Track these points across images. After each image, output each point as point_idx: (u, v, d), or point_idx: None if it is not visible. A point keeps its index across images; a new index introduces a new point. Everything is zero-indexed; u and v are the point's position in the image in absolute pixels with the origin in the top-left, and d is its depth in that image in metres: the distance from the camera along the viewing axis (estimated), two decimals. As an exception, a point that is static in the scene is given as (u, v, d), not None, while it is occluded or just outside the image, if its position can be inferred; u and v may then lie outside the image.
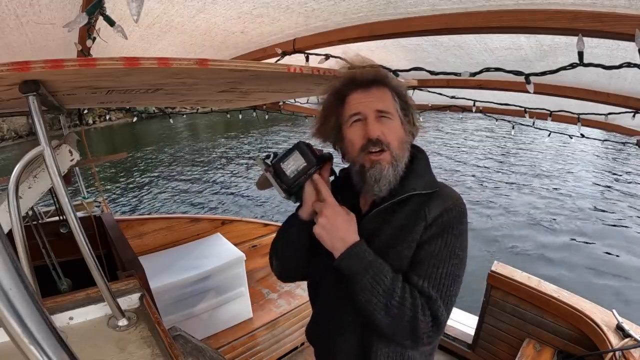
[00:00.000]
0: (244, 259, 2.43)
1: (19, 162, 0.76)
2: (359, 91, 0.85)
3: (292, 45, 1.18)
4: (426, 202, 0.85)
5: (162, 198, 8.50)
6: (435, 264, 0.80)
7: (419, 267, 0.81)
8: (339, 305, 0.91)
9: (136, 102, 1.39)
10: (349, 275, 0.80)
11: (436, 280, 0.79)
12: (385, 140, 0.83)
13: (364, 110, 0.84)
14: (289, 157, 0.85)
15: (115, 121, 17.58)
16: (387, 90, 0.87)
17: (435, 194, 0.86)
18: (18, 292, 0.22)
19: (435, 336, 0.81)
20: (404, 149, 0.86)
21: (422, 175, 0.89)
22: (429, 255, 0.81)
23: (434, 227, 0.82)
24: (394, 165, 0.84)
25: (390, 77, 0.90)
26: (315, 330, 1.07)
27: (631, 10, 0.62)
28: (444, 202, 0.84)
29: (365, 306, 0.78)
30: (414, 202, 0.86)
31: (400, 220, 0.86)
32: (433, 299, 0.78)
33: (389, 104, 0.85)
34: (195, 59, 0.62)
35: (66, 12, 0.94)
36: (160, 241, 2.67)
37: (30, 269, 0.86)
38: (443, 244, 0.81)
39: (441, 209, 0.83)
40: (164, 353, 0.84)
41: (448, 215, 0.83)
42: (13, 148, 15.30)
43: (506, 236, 5.99)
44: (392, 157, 0.84)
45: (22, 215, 0.94)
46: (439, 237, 0.81)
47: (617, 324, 1.69)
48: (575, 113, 1.62)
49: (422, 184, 0.87)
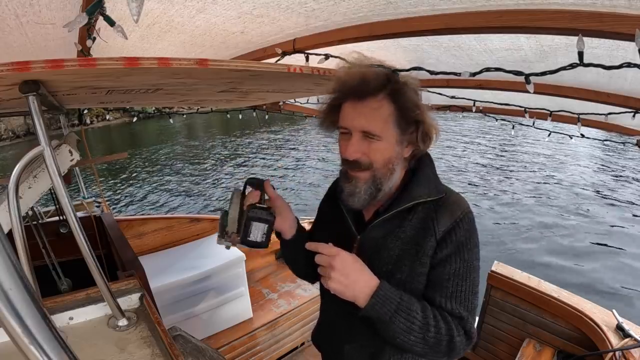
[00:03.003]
0: (244, 259, 2.43)
1: (19, 162, 0.76)
2: (352, 102, 0.79)
3: (292, 45, 1.18)
4: (433, 212, 0.82)
5: (162, 198, 8.50)
6: (459, 282, 0.79)
7: (443, 288, 0.80)
8: (347, 307, 0.85)
9: (136, 102, 1.39)
10: (381, 321, 0.76)
11: (462, 298, 0.80)
12: (366, 161, 0.80)
13: (350, 127, 0.80)
14: (249, 228, 0.85)
15: (113, 121, 17.55)
16: (385, 103, 0.78)
17: (442, 201, 0.83)
18: (18, 292, 0.22)
19: (468, 346, 0.82)
20: (391, 169, 0.81)
21: (426, 182, 0.85)
22: (451, 275, 0.79)
23: (449, 246, 0.79)
24: (374, 182, 0.81)
25: (391, 85, 0.79)
26: (321, 334, 1.05)
27: (631, 10, 0.62)
28: (452, 212, 0.81)
29: (402, 344, 0.77)
30: (420, 210, 0.83)
31: (408, 232, 0.82)
32: (465, 318, 0.79)
33: (377, 124, 0.78)
34: (195, 59, 0.62)
35: (66, 12, 0.93)
36: (160, 241, 2.67)
37: (30, 269, 0.86)
38: (462, 261, 0.80)
39: (451, 222, 0.80)
40: (164, 353, 0.84)
41: (460, 228, 0.80)
42: (11, 148, 15.29)
43: (506, 236, 5.99)
44: (373, 177, 0.81)
45: (22, 215, 0.94)
46: (456, 256, 0.79)
47: (617, 324, 1.69)
48: (575, 113, 1.62)
49: (427, 191, 0.83)
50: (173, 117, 3.20)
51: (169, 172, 10.50)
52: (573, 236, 5.96)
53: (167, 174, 10.26)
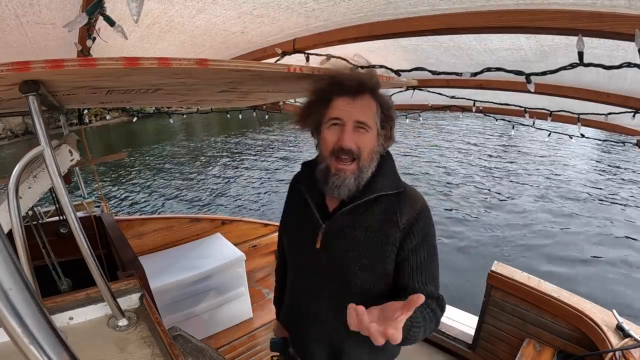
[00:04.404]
0: (244, 259, 2.43)
1: (19, 162, 0.76)
2: (345, 98, 0.88)
3: (292, 45, 1.18)
4: (395, 204, 0.92)
5: (162, 197, 8.50)
6: (429, 266, 0.92)
7: (418, 274, 0.91)
8: (312, 290, 1.00)
9: (136, 102, 1.39)
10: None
11: (434, 279, 0.93)
12: (357, 151, 0.88)
13: (344, 118, 0.87)
14: None
15: (111, 120, 17.55)
16: (373, 101, 0.90)
17: (402, 195, 0.93)
18: (18, 292, 0.22)
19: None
20: (372, 159, 0.91)
21: (389, 177, 0.95)
22: (422, 262, 0.91)
23: (416, 236, 0.90)
24: (356, 175, 0.89)
25: (378, 87, 0.92)
26: (288, 316, 1.13)
27: (631, 10, 0.62)
28: (412, 205, 0.92)
29: (405, 343, 0.82)
30: (382, 201, 0.92)
31: (371, 221, 0.91)
32: (440, 297, 0.93)
33: (369, 117, 0.88)
34: (195, 59, 0.62)
35: (66, 12, 0.93)
36: (160, 241, 2.67)
37: (30, 269, 0.86)
38: (429, 247, 0.92)
39: (413, 214, 0.91)
40: (164, 353, 0.84)
41: (422, 219, 0.91)
42: (9, 147, 15.27)
43: (507, 235, 5.98)
44: (358, 168, 0.89)
45: (22, 215, 0.94)
46: (423, 244, 0.91)
47: (617, 324, 1.69)
48: (575, 113, 1.62)
49: (389, 185, 0.93)
50: (172, 117, 3.21)
51: (169, 171, 10.50)
52: (572, 237, 5.96)
53: (166, 174, 10.25)
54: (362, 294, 0.93)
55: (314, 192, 0.98)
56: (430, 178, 8.76)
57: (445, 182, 8.50)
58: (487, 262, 2.22)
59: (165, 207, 7.96)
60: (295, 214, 1.07)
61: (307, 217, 0.99)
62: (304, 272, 1.04)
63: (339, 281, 0.95)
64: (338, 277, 0.95)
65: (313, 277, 1.00)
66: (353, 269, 0.92)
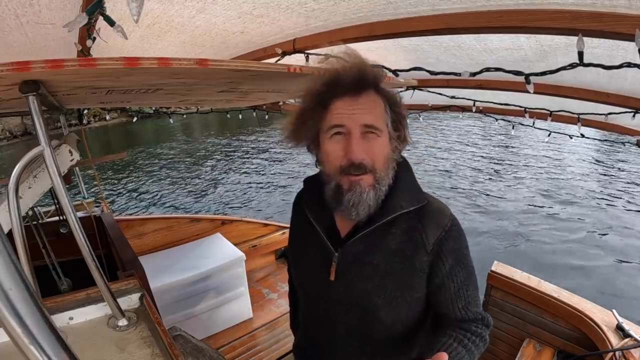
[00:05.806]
0: (244, 259, 2.43)
1: (19, 162, 0.76)
2: (346, 98, 0.72)
3: (292, 45, 1.18)
4: (418, 222, 0.77)
5: (161, 197, 8.50)
6: (468, 288, 0.82)
7: (458, 299, 0.81)
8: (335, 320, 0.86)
9: (136, 102, 1.39)
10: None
11: (475, 298, 0.84)
12: (370, 162, 0.72)
13: (348, 124, 0.71)
14: None
15: (110, 121, 17.53)
16: (379, 98, 0.74)
17: (424, 210, 0.78)
18: (18, 292, 0.22)
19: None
20: (389, 167, 0.76)
21: (408, 190, 0.80)
22: (459, 286, 0.80)
23: (449, 258, 0.77)
24: (375, 188, 0.74)
25: (381, 80, 0.76)
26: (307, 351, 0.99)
27: (631, 10, 0.62)
28: (439, 222, 0.77)
29: None
30: (402, 220, 0.77)
31: (392, 245, 0.77)
32: (484, 317, 0.85)
33: (378, 117, 0.72)
34: (195, 59, 0.62)
35: (66, 12, 0.94)
36: (160, 241, 2.67)
37: (30, 269, 0.86)
38: (464, 268, 0.80)
39: (441, 232, 0.77)
40: (164, 353, 0.84)
41: (452, 238, 0.78)
42: (8, 148, 15.26)
43: (507, 235, 5.99)
44: (375, 180, 0.74)
45: (22, 215, 0.94)
46: (458, 265, 0.79)
47: (617, 324, 1.69)
48: (575, 113, 1.62)
49: (409, 199, 0.78)
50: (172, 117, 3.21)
51: (168, 171, 10.50)
52: (573, 237, 5.96)
53: (166, 174, 10.25)
54: (386, 329, 0.81)
55: (322, 215, 0.83)
56: (430, 178, 8.77)
57: (445, 182, 8.51)
58: (487, 262, 2.22)
59: (165, 207, 7.96)
60: (302, 239, 0.91)
61: (316, 245, 0.83)
62: (318, 305, 0.89)
63: (359, 316, 0.81)
64: (356, 312, 0.81)
65: (328, 312, 0.86)
66: (375, 302, 0.78)
